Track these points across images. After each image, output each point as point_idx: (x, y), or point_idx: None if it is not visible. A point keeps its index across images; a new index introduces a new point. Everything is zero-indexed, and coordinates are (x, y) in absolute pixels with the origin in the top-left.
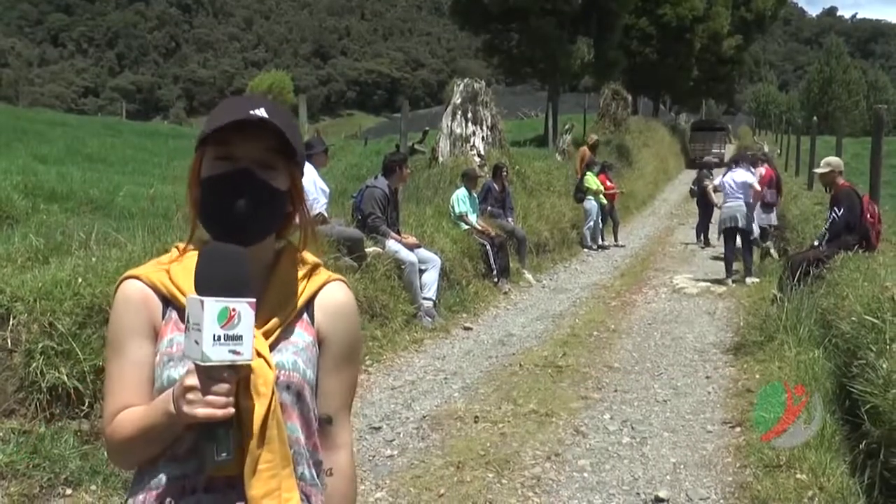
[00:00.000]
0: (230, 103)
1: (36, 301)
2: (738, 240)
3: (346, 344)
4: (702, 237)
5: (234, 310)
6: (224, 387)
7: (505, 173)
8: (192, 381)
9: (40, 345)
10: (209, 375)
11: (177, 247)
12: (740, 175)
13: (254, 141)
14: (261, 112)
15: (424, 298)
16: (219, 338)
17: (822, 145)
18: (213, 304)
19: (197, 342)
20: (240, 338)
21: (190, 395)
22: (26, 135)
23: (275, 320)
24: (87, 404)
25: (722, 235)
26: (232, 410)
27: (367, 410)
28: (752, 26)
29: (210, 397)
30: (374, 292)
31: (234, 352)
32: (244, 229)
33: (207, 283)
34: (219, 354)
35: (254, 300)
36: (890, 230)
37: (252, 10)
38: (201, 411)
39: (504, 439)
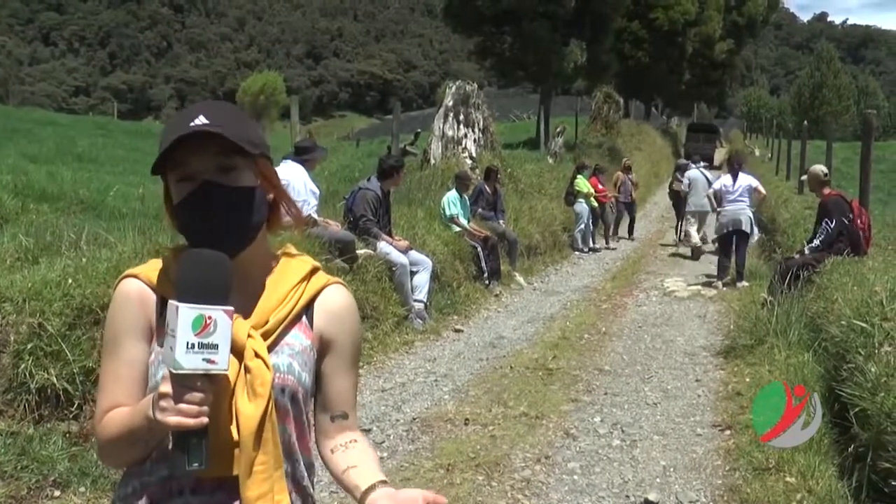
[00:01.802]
0: (172, 123)
1: (25, 301)
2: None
3: (353, 345)
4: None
5: (209, 318)
6: (197, 396)
7: (497, 176)
8: (166, 388)
9: (29, 345)
10: (182, 383)
11: (170, 248)
12: (744, 179)
13: (202, 151)
14: (200, 120)
15: (415, 300)
16: (192, 346)
17: (812, 149)
18: (188, 311)
19: (172, 348)
20: (215, 346)
21: (162, 403)
22: (16, 134)
23: (273, 322)
24: (76, 406)
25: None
26: (205, 420)
27: (357, 412)
28: (744, 31)
29: (182, 406)
30: (364, 294)
31: (209, 360)
32: (223, 240)
33: (185, 289)
34: (191, 362)
35: (231, 309)
36: (879, 235)
37: (245, 11)
38: (172, 419)
39: (494, 442)
